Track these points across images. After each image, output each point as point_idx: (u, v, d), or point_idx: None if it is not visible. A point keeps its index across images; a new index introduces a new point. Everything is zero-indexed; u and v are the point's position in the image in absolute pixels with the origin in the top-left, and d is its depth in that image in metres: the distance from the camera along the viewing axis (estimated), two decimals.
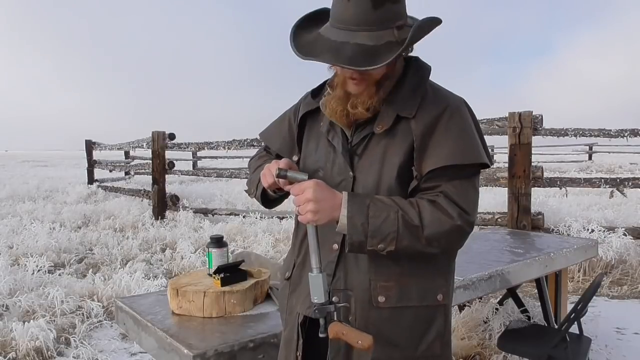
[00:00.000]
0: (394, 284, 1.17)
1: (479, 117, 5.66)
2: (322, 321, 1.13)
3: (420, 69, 1.23)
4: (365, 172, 1.20)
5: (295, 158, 1.33)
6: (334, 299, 1.19)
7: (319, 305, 1.12)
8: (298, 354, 1.28)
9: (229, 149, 7.23)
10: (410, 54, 1.22)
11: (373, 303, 1.18)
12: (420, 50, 1.24)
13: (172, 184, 10.97)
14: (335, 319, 1.13)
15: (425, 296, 1.19)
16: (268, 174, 1.23)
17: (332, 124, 1.25)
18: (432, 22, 1.12)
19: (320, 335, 1.13)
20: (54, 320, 3.48)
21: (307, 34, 1.18)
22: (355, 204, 1.11)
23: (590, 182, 5.16)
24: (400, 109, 1.17)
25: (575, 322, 2.26)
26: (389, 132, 1.18)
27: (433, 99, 1.19)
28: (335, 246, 1.21)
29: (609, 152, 22.36)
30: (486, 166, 1.20)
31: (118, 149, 11.13)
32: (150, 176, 8.09)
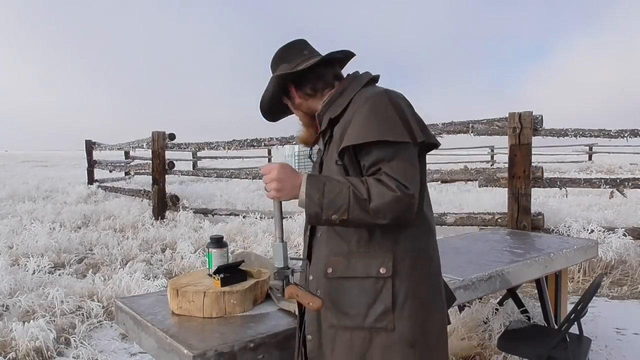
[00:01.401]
0: (342, 259, 1.37)
1: (478, 117, 5.61)
2: (280, 283, 1.36)
3: (355, 80, 1.48)
4: (325, 171, 1.44)
5: None
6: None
7: (279, 269, 1.36)
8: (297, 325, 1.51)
9: (229, 149, 7.23)
10: (370, 73, 1.51)
11: (324, 274, 1.39)
12: (422, 51, 1.30)
13: (172, 184, 10.98)
14: (292, 282, 1.34)
15: (368, 270, 1.33)
16: None
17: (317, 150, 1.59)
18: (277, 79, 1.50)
19: (278, 295, 1.45)
20: (54, 321, 3.48)
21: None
22: (313, 182, 1.29)
23: (590, 183, 5.15)
24: (331, 113, 1.44)
25: (575, 323, 2.26)
26: (331, 136, 1.44)
27: (355, 100, 1.40)
28: (308, 233, 1.49)
29: (609, 153, 22.37)
30: (425, 145, 1.40)
31: (118, 149, 11.13)
32: (150, 176, 8.10)
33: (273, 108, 1.59)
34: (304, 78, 1.49)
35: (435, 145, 1.46)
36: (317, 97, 1.51)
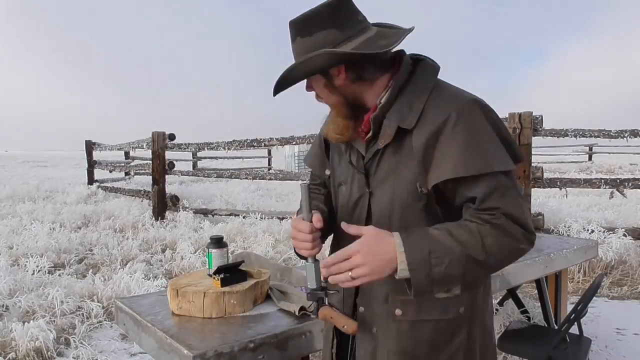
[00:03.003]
0: (412, 299, 1.11)
1: None
2: (314, 305, 1.23)
3: (425, 71, 1.18)
4: (380, 188, 1.18)
5: (327, 172, 1.37)
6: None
7: (312, 290, 1.22)
8: (333, 350, 1.34)
9: (229, 149, 7.23)
10: (419, 55, 1.21)
11: (391, 316, 1.18)
12: (424, 51, 1.25)
13: (172, 185, 10.98)
14: (326, 303, 1.22)
15: (446, 311, 1.16)
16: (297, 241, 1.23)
17: (339, 146, 1.29)
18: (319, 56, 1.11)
19: (312, 316, 1.29)
20: (54, 321, 3.48)
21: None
22: (414, 252, 1.03)
23: (590, 183, 5.16)
24: (401, 120, 1.13)
25: (575, 323, 2.26)
26: (396, 145, 1.14)
27: (436, 106, 1.11)
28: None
29: (609, 153, 22.37)
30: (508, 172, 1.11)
31: (118, 149, 11.13)
32: (150, 176, 8.09)
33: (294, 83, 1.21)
34: (363, 58, 1.12)
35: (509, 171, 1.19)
36: (368, 82, 1.17)
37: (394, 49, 1.14)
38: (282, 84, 1.17)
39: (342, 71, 1.14)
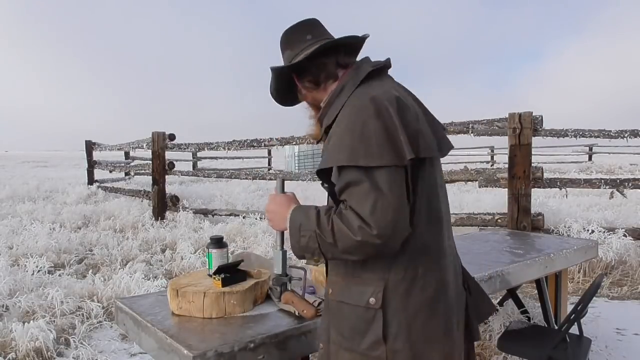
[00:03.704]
0: (339, 280, 1.31)
1: (477, 118, 5.58)
2: (278, 289, 1.46)
3: (353, 75, 1.33)
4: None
5: None
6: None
7: (277, 276, 1.45)
8: None
9: (229, 149, 7.23)
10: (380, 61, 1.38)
11: (326, 293, 1.36)
12: (422, 52, 1.29)
13: (172, 185, 10.97)
14: (289, 289, 1.43)
15: (361, 298, 1.25)
16: None
17: None
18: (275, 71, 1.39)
19: (275, 299, 1.48)
20: (54, 321, 3.48)
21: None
22: (293, 221, 1.27)
23: (590, 183, 5.15)
24: (327, 120, 1.33)
25: (576, 323, 2.26)
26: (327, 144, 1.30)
27: (347, 105, 1.26)
28: None
29: (609, 153, 22.38)
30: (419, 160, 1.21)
31: (118, 149, 11.13)
32: (150, 177, 8.09)
33: (285, 96, 1.47)
34: (304, 69, 1.36)
35: (434, 156, 1.30)
36: (321, 89, 1.37)
37: (339, 56, 1.35)
38: (274, 98, 1.46)
39: (296, 81, 1.39)
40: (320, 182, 1.29)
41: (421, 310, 1.24)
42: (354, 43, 1.38)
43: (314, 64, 1.34)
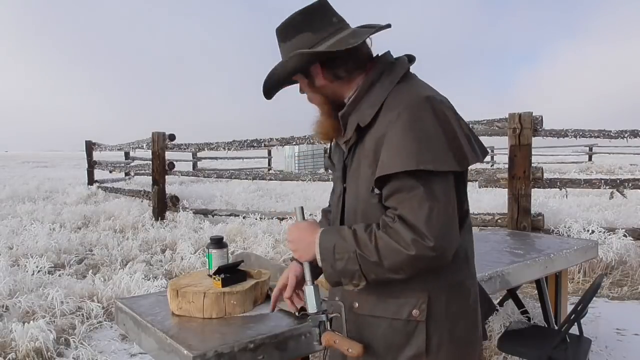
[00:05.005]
0: (369, 293, 1.19)
1: (477, 117, 5.59)
2: (315, 330, 1.22)
3: (394, 70, 1.20)
4: (350, 184, 1.24)
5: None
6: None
7: (313, 315, 1.23)
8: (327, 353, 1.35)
9: (229, 149, 7.23)
10: (407, 55, 1.25)
11: (350, 308, 1.24)
12: (425, 52, 1.26)
13: (172, 185, 10.97)
14: (328, 328, 1.21)
15: (399, 311, 1.17)
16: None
17: (337, 143, 1.33)
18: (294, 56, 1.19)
19: (315, 343, 1.22)
20: (54, 321, 3.48)
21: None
22: (324, 245, 1.15)
23: (590, 183, 5.15)
24: (360, 118, 1.18)
25: (576, 323, 2.26)
26: (359, 143, 1.19)
27: (390, 104, 1.14)
28: None
29: (609, 153, 22.38)
30: (443, 172, 1.08)
31: (118, 149, 11.13)
32: (150, 177, 8.09)
33: (278, 87, 1.30)
34: (336, 57, 1.18)
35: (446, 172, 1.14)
36: (346, 80, 1.22)
37: (366, 45, 1.21)
38: (268, 87, 1.27)
39: (319, 70, 1.21)
40: (372, 187, 1.14)
41: (462, 317, 1.20)
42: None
43: (349, 52, 1.17)
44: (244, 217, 6.92)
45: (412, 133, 1.07)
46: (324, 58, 1.19)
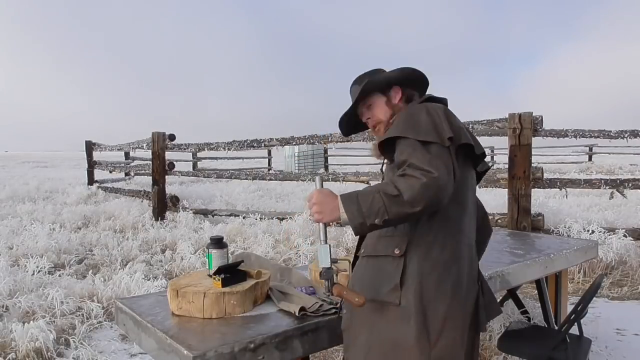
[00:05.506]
0: (372, 241, 1.57)
1: (477, 117, 5.59)
2: (326, 283, 1.49)
3: (416, 100, 1.67)
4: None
5: None
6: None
7: (325, 269, 1.48)
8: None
9: (229, 149, 7.23)
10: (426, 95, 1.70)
11: (359, 254, 1.64)
12: (425, 52, 1.37)
13: (172, 185, 10.97)
14: (336, 282, 1.49)
15: (387, 250, 1.51)
16: None
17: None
18: (394, 72, 1.68)
19: (327, 293, 1.54)
20: (54, 321, 3.48)
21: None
22: (347, 199, 1.42)
23: (590, 183, 5.15)
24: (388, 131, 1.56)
25: (576, 323, 2.26)
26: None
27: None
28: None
29: (609, 154, 22.37)
30: (432, 142, 1.43)
31: (118, 149, 11.13)
32: (151, 177, 8.09)
33: (352, 118, 1.76)
34: (410, 83, 1.68)
35: (471, 146, 1.55)
36: (402, 106, 1.67)
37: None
38: (367, 89, 1.65)
39: (399, 91, 1.67)
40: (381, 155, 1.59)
41: (435, 268, 1.48)
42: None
43: (414, 83, 1.70)
44: (244, 217, 6.92)
45: (407, 118, 1.49)
46: (401, 81, 1.66)
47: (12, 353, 3.02)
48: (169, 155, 8.12)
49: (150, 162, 8.10)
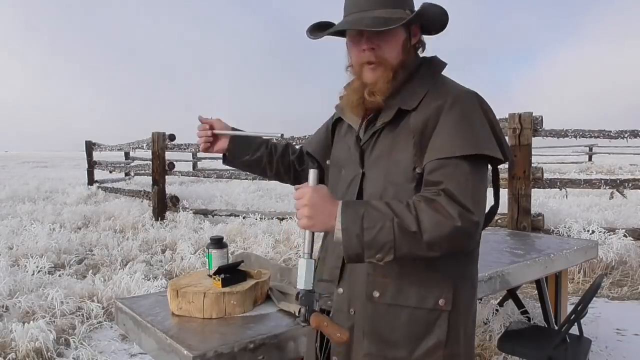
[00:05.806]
0: (391, 281, 1.17)
1: None
2: (303, 309, 1.12)
3: (432, 65, 1.26)
4: (373, 168, 1.22)
5: (327, 162, 1.41)
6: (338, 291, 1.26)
7: (305, 292, 1.12)
8: (317, 345, 1.34)
9: None
10: (425, 55, 1.30)
11: (368, 296, 1.19)
12: (426, 54, 1.29)
13: (172, 185, 10.97)
14: (316, 309, 1.13)
15: (425, 300, 1.15)
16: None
17: (350, 126, 1.32)
18: (438, 7, 1.20)
19: (301, 324, 1.13)
20: (54, 321, 3.48)
21: (321, 30, 1.27)
22: (350, 214, 1.06)
23: (590, 183, 5.15)
24: (402, 102, 1.19)
25: (576, 324, 2.26)
26: (393, 127, 1.19)
27: (437, 92, 1.18)
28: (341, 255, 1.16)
29: (609, 154, 22.37)
30: (497, 161, 1.17)
31: (118, 149, 11.12)
32: (151, 177, 8.10)
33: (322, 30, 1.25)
34: (426, 26, 1.26)
35: (498, 161, 1.20)
36: (412, 53, 1.25)
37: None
38: (387, 23, 1.17)
39: (418, 33, 1.26)
40: (414, 167, 1.15)
41: (472, 310, 1.24)
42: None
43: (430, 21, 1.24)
44: (244, 217, 6.92)
45: (467, 122, 1.12)
46: (426, 21, 1.23)
47: (12, 353, 3.02)
48: (169, 155, 8.12)
49: (150, 162, 8.10)
